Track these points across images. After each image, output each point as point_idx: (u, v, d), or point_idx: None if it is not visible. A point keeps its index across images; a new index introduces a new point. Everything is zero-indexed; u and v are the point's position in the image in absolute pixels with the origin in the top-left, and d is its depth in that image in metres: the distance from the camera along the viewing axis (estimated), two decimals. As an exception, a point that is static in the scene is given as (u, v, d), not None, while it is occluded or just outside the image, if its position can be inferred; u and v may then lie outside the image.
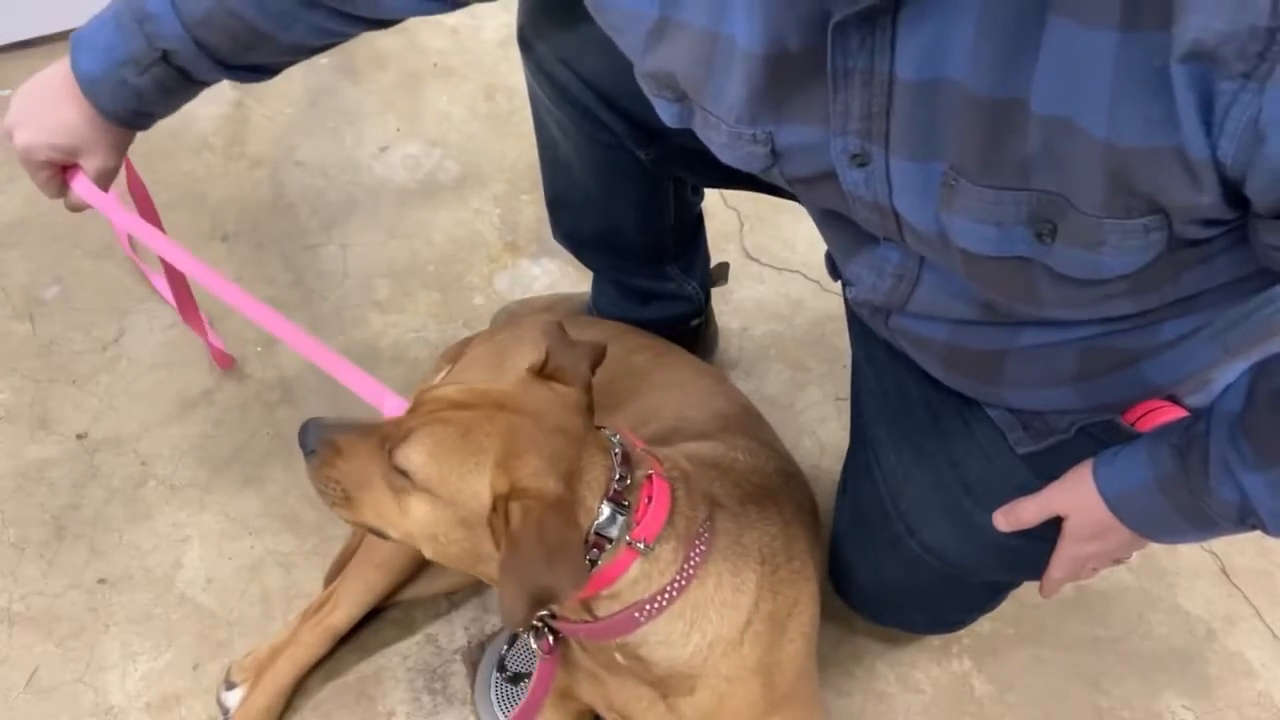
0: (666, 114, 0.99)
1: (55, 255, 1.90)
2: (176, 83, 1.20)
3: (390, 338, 1.82)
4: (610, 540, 0.96)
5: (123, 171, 1.36)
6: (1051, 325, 0.97)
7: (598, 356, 1.07)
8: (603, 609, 1.01)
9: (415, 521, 0.98)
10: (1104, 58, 0.68)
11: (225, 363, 1.73)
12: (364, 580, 1.40)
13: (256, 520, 1.57)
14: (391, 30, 2.52)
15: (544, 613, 1.05)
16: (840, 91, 0.81)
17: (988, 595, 1.34)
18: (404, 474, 0.96)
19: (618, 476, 0.97)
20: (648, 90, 1.00)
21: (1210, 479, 0.92)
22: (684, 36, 0.88)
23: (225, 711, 1.37)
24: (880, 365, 1.23)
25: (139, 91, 1.18)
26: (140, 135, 2.10)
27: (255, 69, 1.22)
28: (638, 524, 0.98)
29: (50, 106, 1.18)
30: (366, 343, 1.81)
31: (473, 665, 1.45)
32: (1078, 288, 0.84)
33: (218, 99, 2.20)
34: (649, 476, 1.01)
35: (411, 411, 1.01)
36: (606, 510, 0.96)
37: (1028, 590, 1.30)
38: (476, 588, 1.52)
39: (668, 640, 1.03)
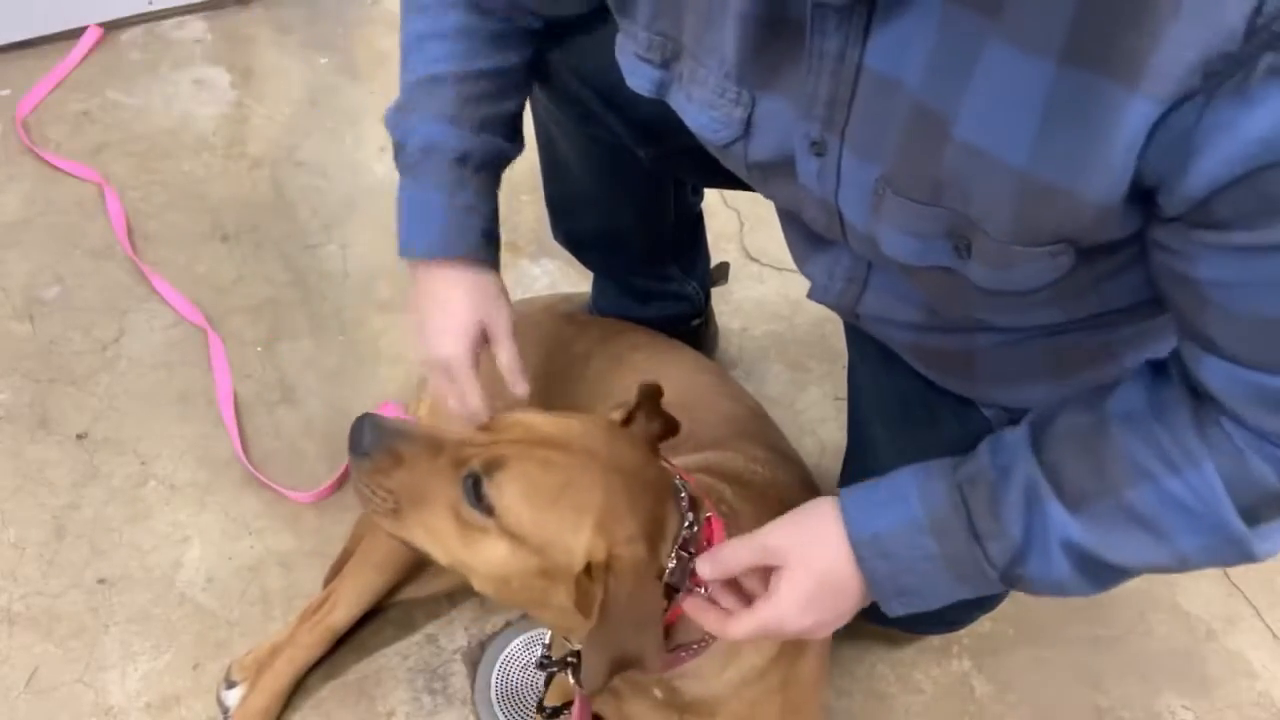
0: (645, 81, 0.98)
1: (55, 255, 1.90)
2: (485, 181, 1.14)
3: (390, 338, 1.82)
4: (676, 591, 0.93)
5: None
6: (1002, 329, 0.97)
7: (668, 431, 1.03)
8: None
9: (485, 561, 0.92)
10: (1037, 88, 0.69)
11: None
12: (362, 580, 1.40)
13: (256, 520, 1.57)
14: (391, 30, 2.53)
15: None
16: (812, 72, 0.82)
17: (987, 595, 1.34)
18: (488, 510, 0.90)
19: (687, 524, 0.94)
20: (631, 50, 0.98)
21: (1002, 512, 0.85)
22: None
23: (225, 710, 1.37)
24: (875, 365, 1.23)
25: (470, 208, 1.12)
26: (140, 134, 2.11)
27: (515, 120, 1.17)
28: (693, 574, 0.94)
29: (435, 318, 1.10)
30: (366, 342, 1.81)
31: (473, 665, 1.45)
32: (1001, 297, 0.85)
33: (218, 99, 2.21)
34: (708, 518, 0.98)
35: (490, 430, 0.95)
36: (673, 562, 0.92)
37: (1028, 590, 1.30)
38: (476, 588, 1.52)
39: (703, 675, 1.02)
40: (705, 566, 0.92)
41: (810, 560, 0.90)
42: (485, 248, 1.13)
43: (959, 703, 1.46)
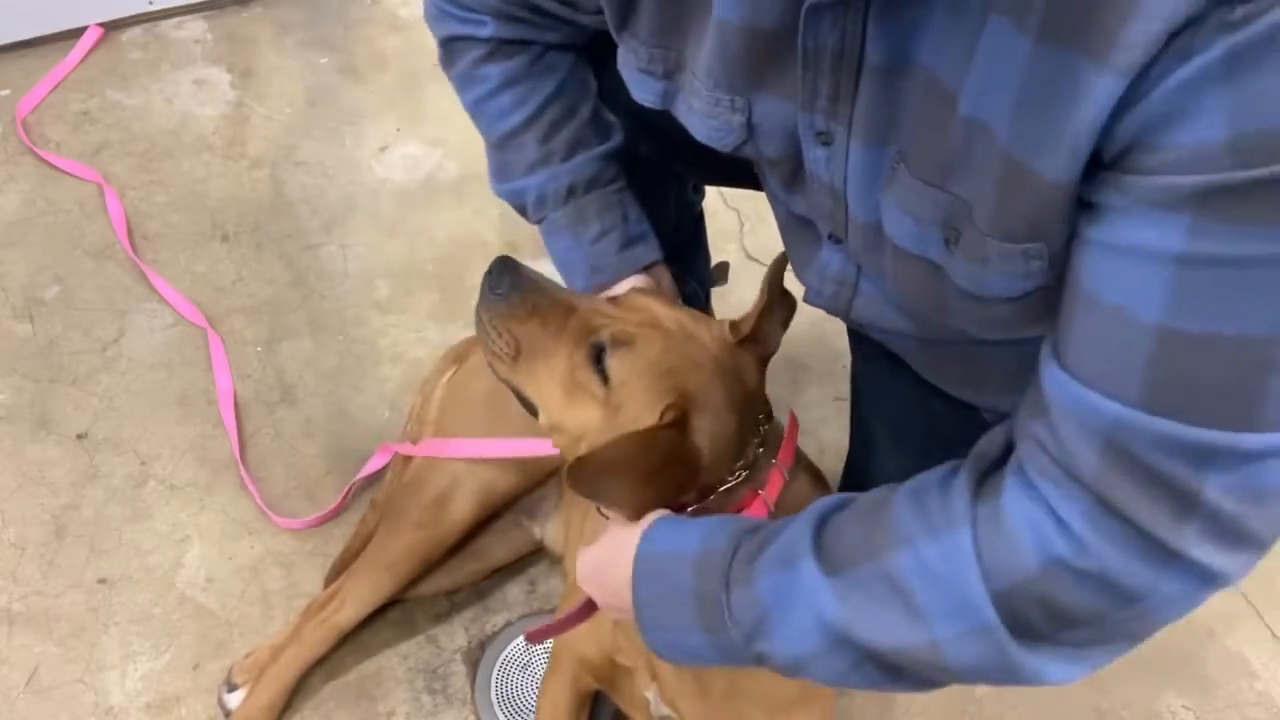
0: (649, 93, 0.99)
1: (55, 255, 1.90)
2: (604, 198, 1.17)
3: (390, 338, 1.82)
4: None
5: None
6: (990, 344, 0.96)
7: (789, 315, 1.07)
8: None
9: (579, 421, 0.96)
10: (1018, 64, 0.67)
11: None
12: (372, 581, 1.40)
13: (256, 520, 1.57)
14: (391, 30, 2.53)
15: None
16: (809, 70, 0.81)
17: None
18: (604, 378, 0.94)
19: (742, 464, 0.97)
20: (633, 64, 0.98)
21: (758, 563, 0.81)
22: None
23: (227, 713, 1.37)
24: (878, 366, 1.23)
25: (601, 234, 1.17)
26: (140, 134, 2.11)
27: (597, 118, 1.18)
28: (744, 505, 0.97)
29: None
30: (366, 342, 1.81)
31: (473, 665, 1.45)
32: (974, 303, 0.83)
33: (217, 99, 2.21)
34: (774, 466, 1.00)
35: (618, 305, 1.00)
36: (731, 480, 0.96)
37: (1028, 590, 1.30)
38: (477, 587, 1.52)
39: None
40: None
41: (608, 545, 0.93)
42: (634, 259, 1.16)
43: (959, 703, 1.46)
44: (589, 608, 1.04)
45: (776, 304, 1.06)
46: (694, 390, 0.94)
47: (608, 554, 0.93)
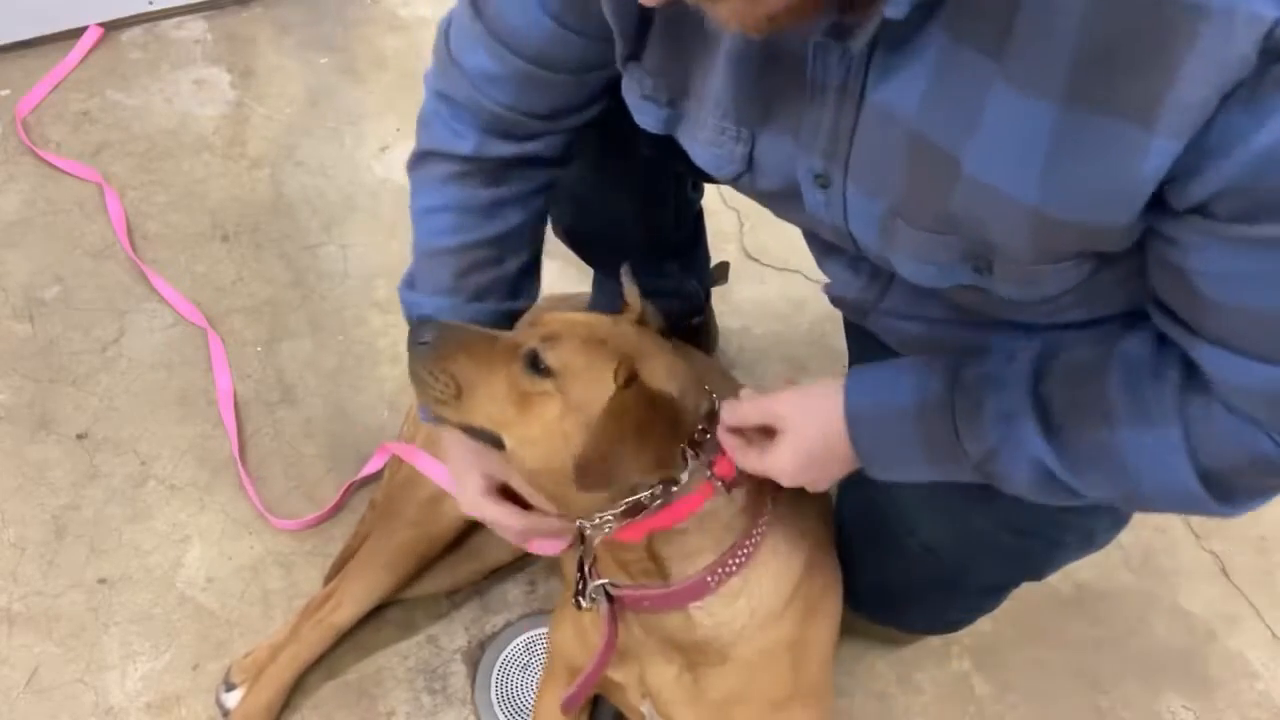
0: (651, 119, 1.00)
1: (55, 255, 1.90)
2: None
3: (390, 338, 1.82)
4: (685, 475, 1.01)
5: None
6: (1020, 328, 0.98)
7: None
8: (677, 569, 1.04)
9: (540, 420, 1.00)
10: (1041, 129, 0.70)
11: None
12: (369, 580, 1.40)
13: (256, 520, 1.57)
14: (391, 30, 2.53)
15: (608, 584, 1.09)
16: (814, 106, 0.83)
17: (987, 596, 1.34)
18: (546, 372, 0.99)
19: (705, 414, 1.02)
20: (637, 91, 1.00)
21: (982, 420, 0.89)
22: (688, 22, 0.89)
23: (225, 713, 1.37)
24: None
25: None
26: (140, 134, 2.11)
27: (519, 278, 1.22)
28: (717, 463, 1.02)
29: (454, 476, 1.22)
30: (366, 342, 1.81)
31: (473, 665, 1.45)
32: (1027, 305, 0.88)
33: (217, 99, 2.21)
34: None
35: (534, 325, 1.07)
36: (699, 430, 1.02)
37: (1028, 590, 1.30)
38: (477, 587, 1.52)
39: (717, 608, 1.06)
40: (725, 412, 1.02)
41: (808, 428, 0.97)
42: None
43: (959, 703, 1.46)
44: (605, 656, 1.10)
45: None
46: (630, 349, 1.02)
47: (814, 442, 0.97)
